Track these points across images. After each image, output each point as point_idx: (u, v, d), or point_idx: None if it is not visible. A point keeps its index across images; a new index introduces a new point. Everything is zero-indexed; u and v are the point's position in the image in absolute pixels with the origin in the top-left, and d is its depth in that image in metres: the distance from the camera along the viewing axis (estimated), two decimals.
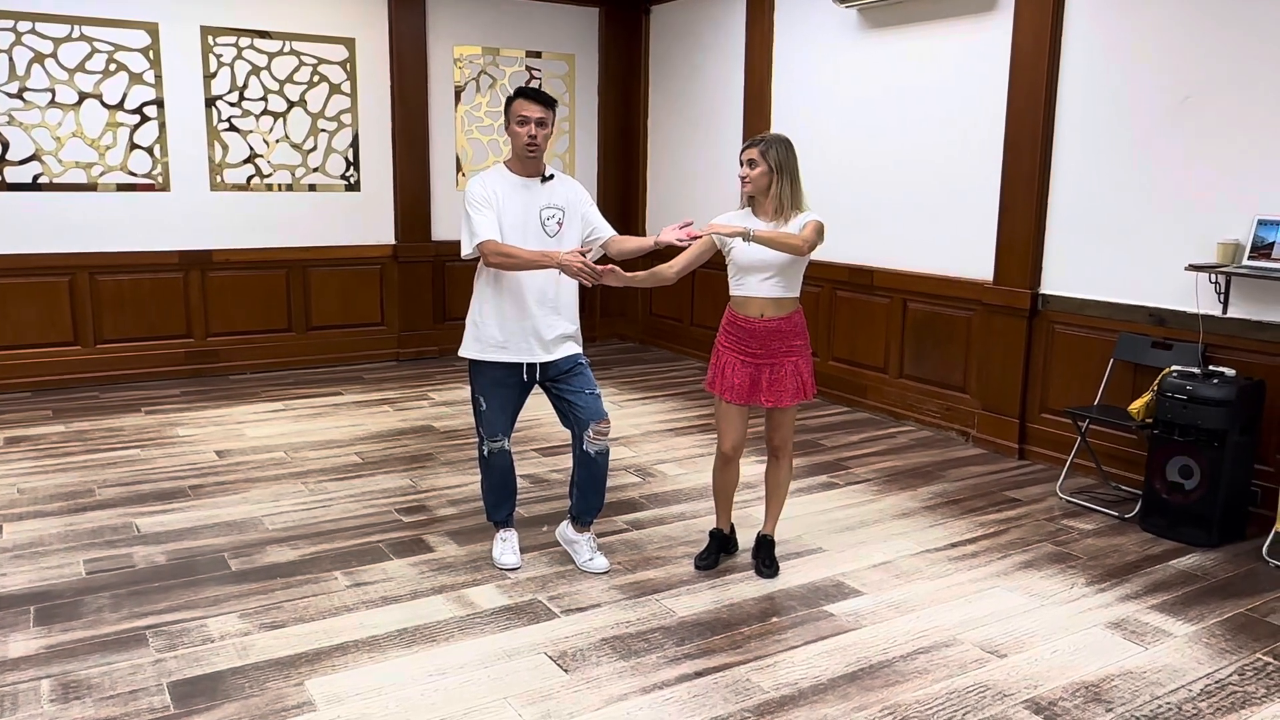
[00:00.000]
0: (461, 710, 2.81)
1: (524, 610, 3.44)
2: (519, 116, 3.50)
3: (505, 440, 3.73)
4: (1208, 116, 4.45)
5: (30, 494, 4.52)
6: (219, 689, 2.89)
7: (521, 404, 3.76)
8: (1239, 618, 3.48)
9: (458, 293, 7.72)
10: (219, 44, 6.73)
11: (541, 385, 3.71)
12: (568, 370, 3.67)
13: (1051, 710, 2.86)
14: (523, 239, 3.53)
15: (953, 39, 5.61)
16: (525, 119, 3.49)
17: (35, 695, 2.84)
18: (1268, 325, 4.28)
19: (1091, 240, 4.98)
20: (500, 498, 3.85)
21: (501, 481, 3.82)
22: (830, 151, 6.43)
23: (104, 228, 6.53)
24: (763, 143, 3.54)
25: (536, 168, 3.61)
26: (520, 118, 3.50)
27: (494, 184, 3.56)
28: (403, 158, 7.43)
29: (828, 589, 3.66)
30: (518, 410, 3.76)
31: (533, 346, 3.60)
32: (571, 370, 3.68)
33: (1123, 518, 4.43)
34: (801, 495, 4.68)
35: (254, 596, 3.51)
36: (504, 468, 3.79)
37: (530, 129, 3.49)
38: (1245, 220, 4.29)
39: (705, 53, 7.52)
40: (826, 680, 3.01)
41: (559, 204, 3.62)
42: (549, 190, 3.62)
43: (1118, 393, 4.79)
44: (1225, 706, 2.91)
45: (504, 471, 3.80)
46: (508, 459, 3.79)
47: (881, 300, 6.18)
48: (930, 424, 5.90)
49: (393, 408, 6.20)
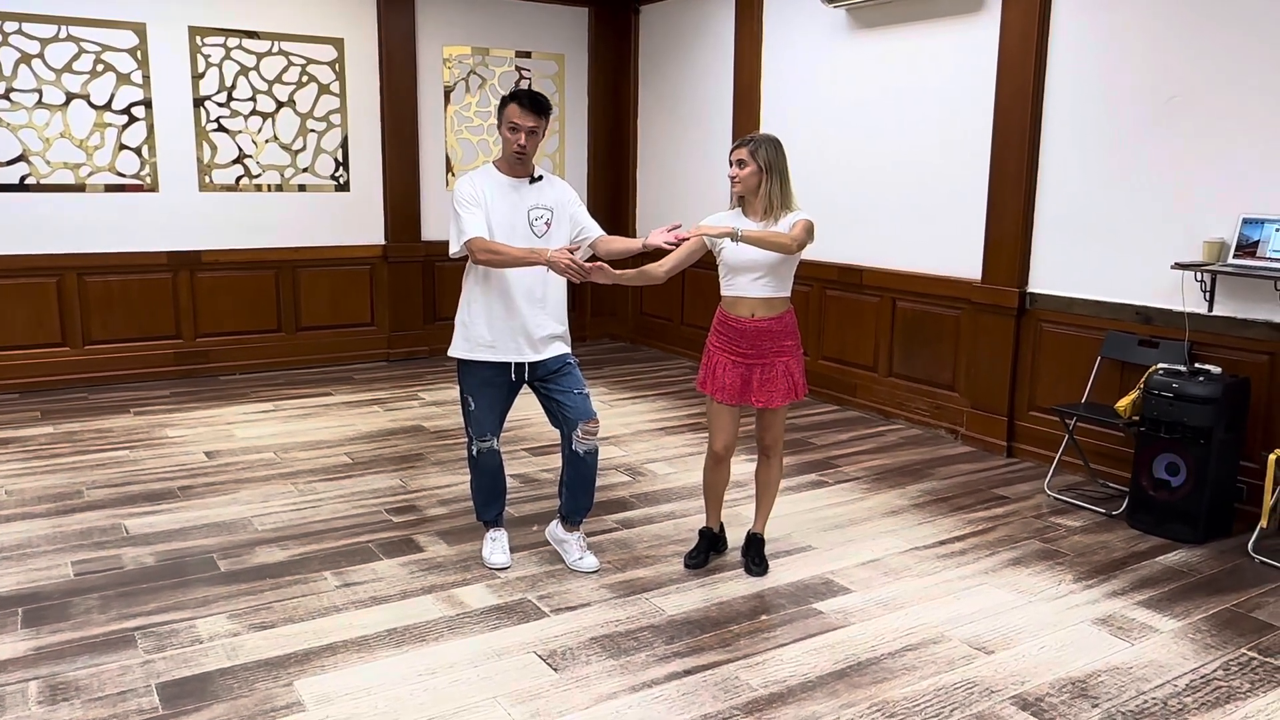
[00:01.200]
0: (451, 709, 2.81)
1: (513, 610, 3.45)
2: (511, 123, 3.51)
3: (494, 440, 3.74)
4: (1193, 116, 4.48)
5: (18, 495, 4.50)
6: (208, 690, 2.89)
7: (510, 403, 3.77)
8: (1225, 613, 3.51)
9: (447, 293, 7.71)
10: (207, 44, 6.72)
11: (530, 385, 3.72)
12: (556, 370, 3.68)
13: (1038, 706, 2.88)
14: (510, 239, 3.53)
15: (940, 39, 5.63)
16: (517, 127, 3.49)
17: (23, 697, 2.84)
18: (1253, 323, 4.31)
19: (1078, 239, 5.01)
20: (489, 497, 3.85)
21: (490, 481, 3.83)
22: (819, 151, 6.44)
23: (92, 229, 6.51)
24: (752, 142, 3.55)
25: (525, 169, 3.62)
26: (512, 124, 3.50)
27: (482, 183, 3.57)
28: (392, 158, 7.43)
29: (816, 587, 3.68)
30: (506, 410, 3.77)
31: (521, 346, 3.61)
32: (560, 370, 3.68)
33: (1110, 514, 4.46)
34: (791, 494, 4.69)
35: (243, 597, 3.50)
36: (493, 467, 3.80)
37: (520, 138, 3.50)
38: (1230, 219, 4.32)
39: (695, 53, 7.54)
40: (815, 678, 3.03)
41: (547, 204, 3.62)
42: (537, 191, 3.62)
43: (1105, 391, 4.81)
44: (1210, 701, 2.93)
45: (493, 471, 3.81)
46: (497, 459, 3.79)
47: (871, 299, 6.20)
48: (919, 422, 5.93)
49: (383, 408, 6.20)
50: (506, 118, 3.52)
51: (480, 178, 3.60)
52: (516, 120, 3.49)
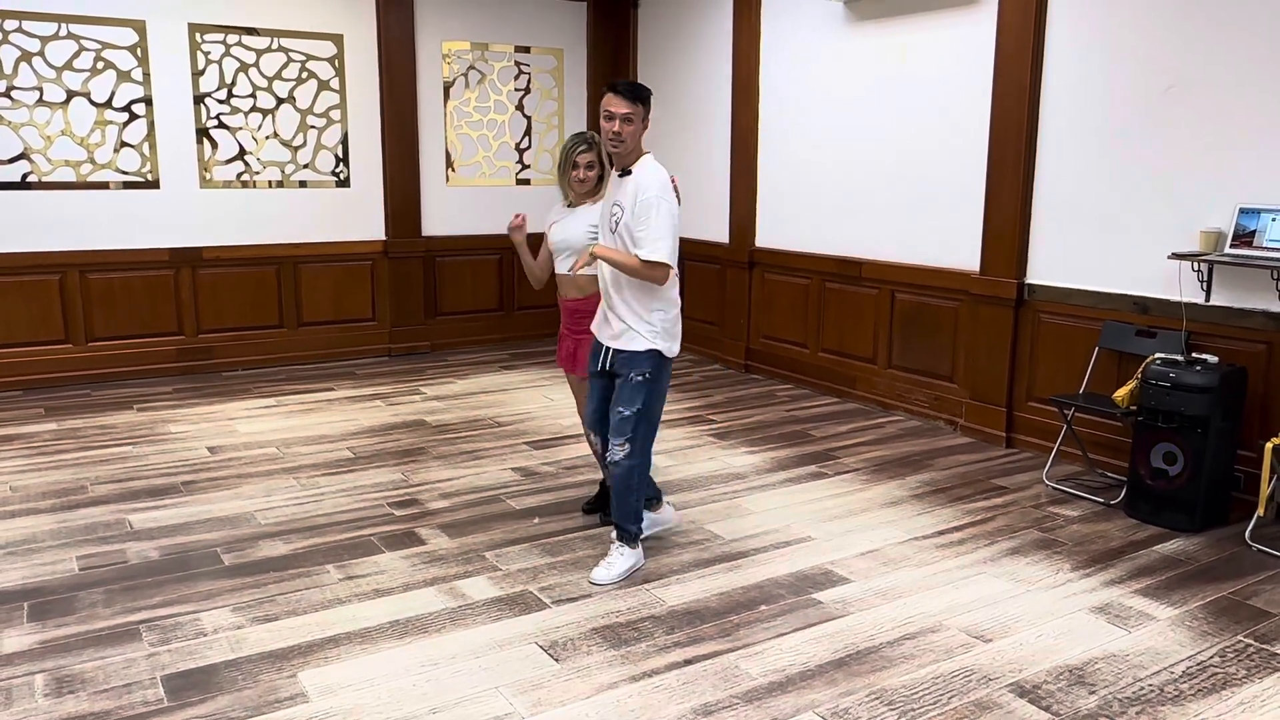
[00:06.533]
0: (453, 700, 2.84)
1: (515, 601, 3.47)
2: (606, 111, 3.50)
3: (591, 434, 3.91)
4: (1190, 106, 4.49)
5: (23, 491, 4.53)
6: (212, 682, 2.92)
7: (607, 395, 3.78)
8: (1221, 601, 3.53)
9: (448, 288, 7.75)
10: (207, 41, 6.73)
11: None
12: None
13: (1036, 693, 2.91)
14: (601, 235, 3.68)
15: (938, 31, 5.64)
16: (611, 114, 3.48)
17: (29, 690, 2.87)
18: (1250, 312, 4.32)
19: (1076, 230, 5.02)
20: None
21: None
22: (818, 144, 6.46)
23: (94, 226, 6.53)
24: (596, 142, 3.65)
25: (621, 162, 3.58)
26: (607, 112, 3.49)
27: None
28: (392, 154, 7.44)
29: (816, 577, 3.70)
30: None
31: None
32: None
33: (1108, 504, 4.48)
34: (790, 485, 4.72)
35: (247, 590, 3.53)
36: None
37: (615, 124, 3.47)
38: (1227, 209, 4.33)
39: (693, 46, 7.54)
40: (814, 666, 3.05)
41: (622, 201, 3.57)
42: (622, 186, 3.60)
43: (1103, 381, 4.83)
44: (1207, 688, 2.95)
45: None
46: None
47: (870, 291, 6.22)
48: (918, 414, 5.95)
49: (384, 402, 6.22)
50: (602, 107, 3.52)
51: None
52: (611, 108, 3.48)
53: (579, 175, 3.88)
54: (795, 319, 6.78)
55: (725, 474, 4.87)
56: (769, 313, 7.02)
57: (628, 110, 3.46)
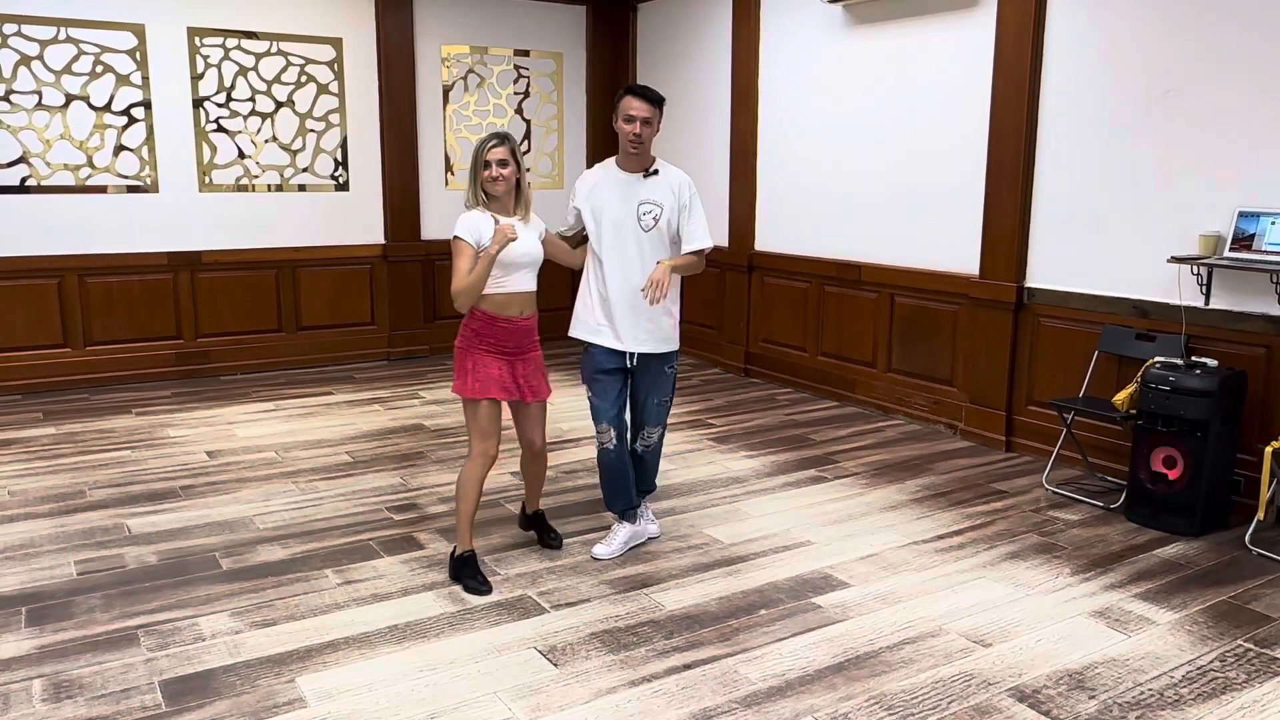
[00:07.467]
0: (452, 705, 2.83)
1: (514, 606, 3.47)
2: (626, 114, 3.62)
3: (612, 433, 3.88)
4: (1189, 109, 4.49)
5: (21, 496, 4.53)
6: (210, 687, 2.91)
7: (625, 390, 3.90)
8: (1221, 605, 3.53)
9: (447, 292, 7.71)
10: (206, 45, 6.73)
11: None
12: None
13: (1036, 698, 2.90)
14: (619, 234, 3.69)
15: (937, 34, 5.64)
16: (632, 117, 3.61)
17: (27, 695, 2.86)
18: (1249, 316, 4.32)
19: (1075, 233, 5.02)
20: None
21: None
22: (817, 147, 6.46)
23: (93, 230, 6.53)
24: (508, 140, 3.57)
25: (641, 163, 3.71)
26: (627, 115, 3.62)
27: (595, 179, 3.77)
28: (391, 157, 7.44)
29: (815, 581, 3.69)
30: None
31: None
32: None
33: (1108, 508, 4.48)
34: (790, 489, 4.71)
35: (245, 595, 3.53)
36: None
37: (635, 127, 3.60)
38: (1226, 212, 4.33)
39: (692, 50, 7.55)
40: (814, 671, 3.04)
41: (657, 199, 3.70)
42: (651, 185, 3.71)
43: (1102, 384, 4.83)
44: (1206, 692, 2.94)
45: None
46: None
47: (869, 295, 6.22)
48: (918, 417, 5.94)
49: (383, 406, 6.22)
50: (622, 110, 3.63)
51: (596, 173, 3.79)
52: (633, 111, 3.60)
53: (491, 174, 3.49)
54: (795, 323, 6.78)
55: (725, 478, 4.86)
56: (768, 316, 7.02)
57: (647, 114, 3.61)
